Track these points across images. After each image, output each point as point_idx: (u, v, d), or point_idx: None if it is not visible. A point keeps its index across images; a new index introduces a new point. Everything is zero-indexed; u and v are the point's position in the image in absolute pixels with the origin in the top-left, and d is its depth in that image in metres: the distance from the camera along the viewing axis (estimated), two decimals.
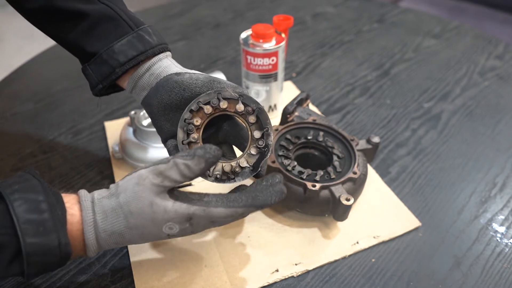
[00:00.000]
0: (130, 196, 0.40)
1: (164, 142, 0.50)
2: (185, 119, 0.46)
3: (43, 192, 0.38)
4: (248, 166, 0.47)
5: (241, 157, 0.47)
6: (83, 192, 0.42)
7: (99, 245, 0.41)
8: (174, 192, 0.42)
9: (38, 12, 0.51)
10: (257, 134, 0.47)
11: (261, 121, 0.46)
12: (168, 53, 0.53)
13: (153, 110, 0.49)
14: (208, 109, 0.46)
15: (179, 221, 0.41)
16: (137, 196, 0.40)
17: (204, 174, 0.46)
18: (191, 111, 0.46)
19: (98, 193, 0.42)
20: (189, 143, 0.47)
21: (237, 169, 0.46)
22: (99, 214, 0.40)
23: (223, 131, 0.50)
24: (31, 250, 0.36)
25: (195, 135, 0.47)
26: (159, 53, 0.51)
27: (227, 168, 0.46)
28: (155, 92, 0.49)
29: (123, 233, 0.41)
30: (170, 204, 0.40)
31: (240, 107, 0.46)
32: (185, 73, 0.49)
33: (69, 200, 0.41)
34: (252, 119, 0.47)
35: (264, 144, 0.47)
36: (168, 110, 0.48)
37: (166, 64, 0.51)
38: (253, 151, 0.47)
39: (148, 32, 0.51)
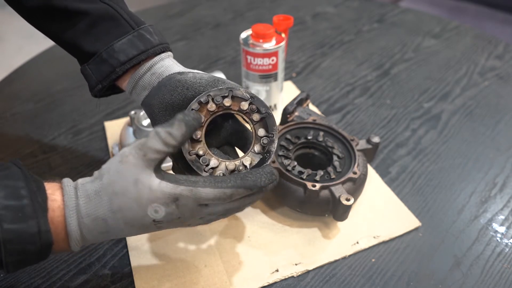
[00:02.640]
0: (113, 175, 0.38)
1: None
2: (192, 109, 0.45)
3: (24, 179, 0.37)
4: (247, 167, 0.46)
5: (245, 156, 0.46)
6: (66, 179, 0.41)
7: (82, 235, 0.39)
8: (160, 172, 0.40)
9: (37, 11, 0.50)
10: (261, 132, 0.46)
11: (268, 126, 0.46)
12: (170, 53, 0.52)
13: (154, 110, 0.48)
14: (211, 106, 0.45)
15: (165, 202, 0.38)
16: (121, 175, 0.38)
17: (200, 168, 0.45)
18: (199, 102, 0.45)
19: (81, 180, 0.40)
20: (192, 140, 0.46)
21: (240, 168, 0.45)
22: (82, 198, 0.39)
23: (226, 131, 0.49)
24: (8, 237, 0.35)
25: (198, 133, 0.46)
26: (160, 53, 0.50)
27: (230, 166, 0.45)
28: (157, 92, 0.47)
29: (107, 218, 0.39)
30: (156, 183, 0.38)
31: (244, 105, 0.46)
32: (188, 72, 0.48)
33: (51, 187, 0.39)
34: (256, 117, 0.46)
35: (266, 147, 0.46)
36: (169, 110, 0.47)
37: (168, 64, 0.50)
38: (257, 148, 0.46)
39: (149, 32, 0.51)
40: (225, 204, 0.41)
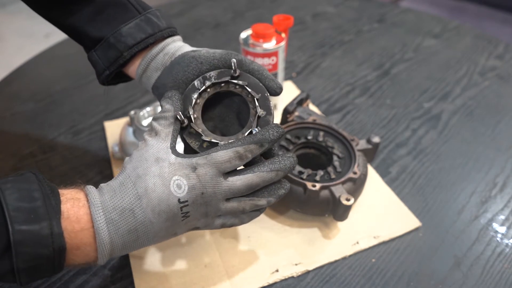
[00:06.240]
0: (135, 161, 0.40)
1: None
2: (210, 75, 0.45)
3: (37, 183, 0.37)
4: None
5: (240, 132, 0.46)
6: (88, 185, 0.41)
7: (111, 236, 0.37)
8: (176, 151, 0.41)
9: None
10: (258, 111, 0.45)
11: (264, 106, 0.45)
12: (179, 36, 0.52)
13: (167, 90, 0.47)
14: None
15: (185, 173, 0.39)
16: (142, 158, 0.40)
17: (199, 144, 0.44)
18: (218, 72, 0.46)
19: (104, 183, 0.41)
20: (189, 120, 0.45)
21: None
22: (107, 194, 0.39)
23: (230, 106, 0.48)
24: (20, 238, 0.33)
25: (194, 112, 0.45)
26: (168, 36, 0.50)
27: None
28: (170, 71, 0.47)
29: (134, 208, 0.38)
30: (173, 157, 0.40)
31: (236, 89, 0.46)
32: (202, 49, 0.48)
33: (72, 191, 0.39)
34: (250, 98, 0.46)
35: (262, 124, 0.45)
36: (183, 88, 0.46)
37: (181, 44, 0.50)
38: (254, 126, 0.45)
39: (156, 16, 0.51)
40: (244, 175, 0.41)
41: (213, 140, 0.44)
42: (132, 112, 0.67)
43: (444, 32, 1.10)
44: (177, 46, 0.50)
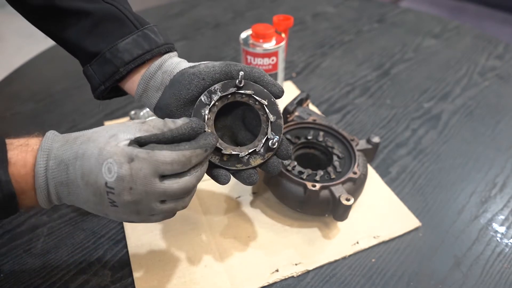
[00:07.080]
0: (106, 126, 0.40)
1: None
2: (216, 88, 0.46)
3: None
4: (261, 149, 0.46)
5: (255, 141, 0.47)
6: (53, 131, 0.41)
7: (47, 182, 0.38)
8: (135, 144, 0.39)
9: (39, 11, 0.50)
10: (269, 117, 0.46)
11: (273, 112, 0.47)
12: (176, 53, 0.52)
13: (172, 109, 0.46)
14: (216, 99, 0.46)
15: (119, 161, 0.37)
16: (108, 127, 0.40)
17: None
18: (222, 84, 0.46)
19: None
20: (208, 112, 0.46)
21: (257, 150, 0.46)
22: (60, 142, 0.39)
23: (238, 116, 0.49)
24: None
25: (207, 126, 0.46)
26: (165, 53, 0.50)
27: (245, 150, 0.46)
28: (171, 90, 0.46)
29: (68, 164, 0.38)
30: (124, 143, 0.38)
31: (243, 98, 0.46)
32: (200, 64, 0.48)
33: (24, 138, 0.40)
34: (258, 106, 0.47)
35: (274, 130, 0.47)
36: (188, 106, 0.46)
37: (178, 61, 0.49)
38: (265, 133, 0.46)
39: (154, 31, 0.50)
40: (182, 180, 0.39)
41: (233, 152, 0.45)
42: (132, 112, 0.67)
43: (444, 32, 1.10)
44: (174, 62, 0.49)
